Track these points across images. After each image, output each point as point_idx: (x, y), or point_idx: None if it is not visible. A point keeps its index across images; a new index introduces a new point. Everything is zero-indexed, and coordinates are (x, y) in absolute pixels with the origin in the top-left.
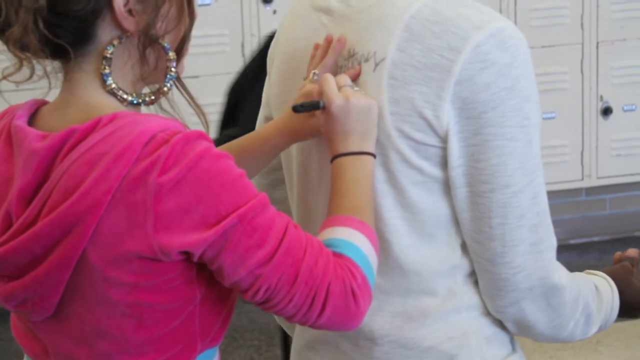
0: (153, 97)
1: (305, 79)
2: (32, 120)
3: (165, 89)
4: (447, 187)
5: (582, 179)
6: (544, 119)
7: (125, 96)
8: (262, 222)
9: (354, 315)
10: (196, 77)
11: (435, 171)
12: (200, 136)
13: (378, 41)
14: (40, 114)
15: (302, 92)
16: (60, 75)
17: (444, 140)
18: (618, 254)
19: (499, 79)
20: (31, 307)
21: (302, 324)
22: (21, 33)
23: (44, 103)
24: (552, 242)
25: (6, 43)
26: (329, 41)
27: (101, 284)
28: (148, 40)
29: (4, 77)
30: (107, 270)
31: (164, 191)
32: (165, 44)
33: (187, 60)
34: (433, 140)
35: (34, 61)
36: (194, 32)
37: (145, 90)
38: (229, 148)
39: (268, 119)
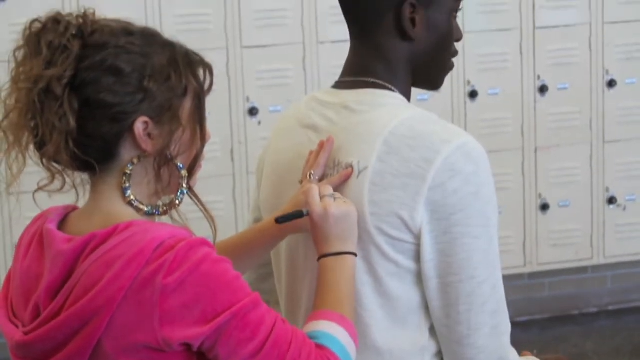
0: (166, 209)
1: (301, 181)
2: (62, 223)
3: (177, 202)
4: (418, 278)
5: (525, 265)
6: None
7: (141, 207)
8: (254, 318)
9: None
10: None
11: (409, 264)
12: (202, 243)
13: (361, 153)
14: (70, 219)
15: (293, 202)
16: (88, 186)
17: (418, 237)
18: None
19: (465, 186)
20: None
21: None
22: (55, 151)
23: (74, 209)
24: (509, 326)
25: (41, 159)
26: (321, 145)
27: None
28: (163, 160)
29: (39, 189)
30: (119, 358)
31: (168, 291)
32: (179, 164)
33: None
34: (408, 238)
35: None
36: None
37: (160, 202)
38: (232, 241)
39: (257, 220)
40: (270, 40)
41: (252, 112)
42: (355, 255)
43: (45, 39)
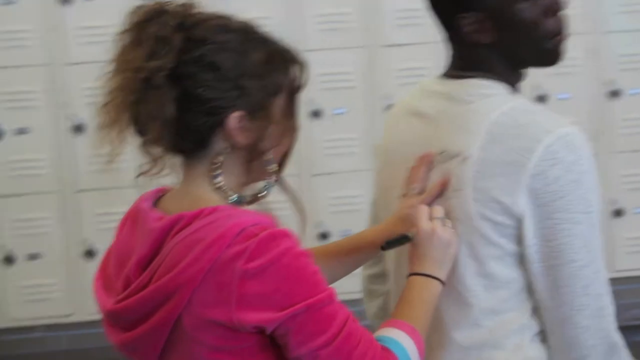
0: (251, 199)
1: (404, 195)
2: (158, 202)
3: (263, 194)
4: (520, 260)
5: None
6: None
7: (228, 194)
8: (328, 312)
9: None
10: None
11: (512, 247)
12: (286, 234)
13: (465, 142)
14: (164, 198)
15: (396, 216)
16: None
17: (519, 221)
18: None
19: (566, 174)
20: (139, 355)
21: None
22: (154, 138)
23: (169, 190)
24: (612, 308)
25: (142, 146)
26: (420, 160)
27: (190, 343)
28: (254, 153)
29: (141, 174)
30: (195, 333)
31: (247, 277)
32: (269, 158)
33: None
34: (510, 222)
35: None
36: None
37: (246, 193)
38: (337, 245)
39: (374, 200)
40: (333, 44)
41: (316, 114)
42: (444, 284)
43: (149, 29)
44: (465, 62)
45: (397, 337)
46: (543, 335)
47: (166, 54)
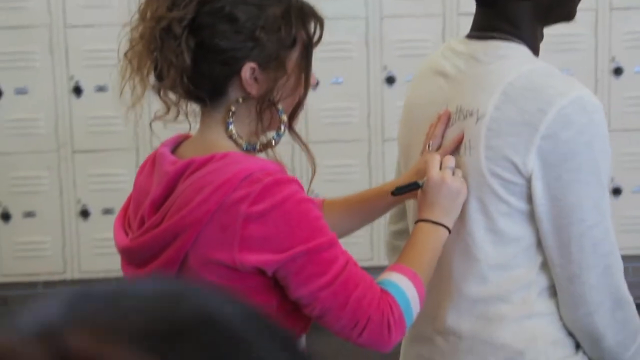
0: (262, 147)
1: (422, 153)
2: (177, 148)
3: (273, 143)
4: (529, 217)
5: None
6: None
7: (239, 141)
8: (327, 256)
9: (386, 342)
10: None
11: (521, 204)
12: (291, 181)
13: (480, 101)
14: (183, 144)
15: (414, 170)
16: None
17: (529, 181)
18: None
19: (578, 136)
20: None
21: (345, 340)
22: (171, 85)
23: (188, 137)
24: (621, 266)
25: (158, 91)
26: (439, 118)
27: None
28: (266, 103)
29: (156, 119)
30: (200, 272)
31: (250, 219)
32: (280, 108)
33: None
34: (519, 181)
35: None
36: None
37: (258, 141)
38: (353, 197)
39: (398, 159)
40: (409, 11)
41: (390, 80)
42: (450, 232)
43: None
44: (495, 22)
45: (397, 281)
46: (552, 291)
47: (187, 4)
